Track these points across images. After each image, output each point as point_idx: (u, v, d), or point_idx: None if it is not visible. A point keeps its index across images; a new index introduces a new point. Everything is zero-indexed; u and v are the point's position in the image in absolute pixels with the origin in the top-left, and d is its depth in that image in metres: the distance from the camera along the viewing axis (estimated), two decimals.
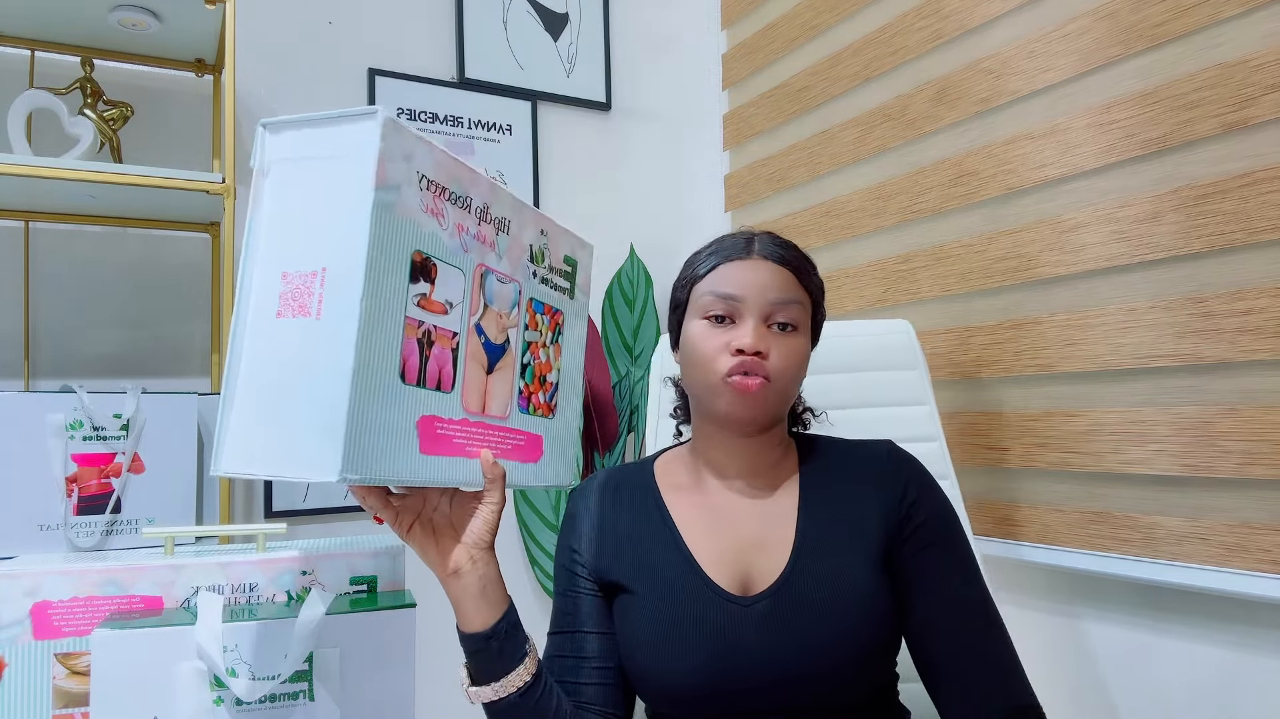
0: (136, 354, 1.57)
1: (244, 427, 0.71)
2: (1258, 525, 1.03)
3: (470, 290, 0.80)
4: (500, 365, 0.85)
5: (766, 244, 0.90)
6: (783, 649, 0.81)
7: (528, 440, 0.89)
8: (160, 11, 1.42)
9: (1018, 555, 1.30)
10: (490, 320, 0.83)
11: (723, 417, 0.87)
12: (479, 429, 0.82)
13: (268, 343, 0.71)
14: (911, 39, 1.51)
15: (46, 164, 1.25)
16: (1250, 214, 1.04)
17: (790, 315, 0.87)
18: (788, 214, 1.82)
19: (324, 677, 0.85)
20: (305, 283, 0.71)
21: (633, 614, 0.87)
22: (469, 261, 0.80)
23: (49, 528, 1.17)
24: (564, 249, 0.94)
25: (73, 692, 0.86)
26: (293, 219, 0.73)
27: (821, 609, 0.82)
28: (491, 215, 0.84)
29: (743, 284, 0.88)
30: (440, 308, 0.77)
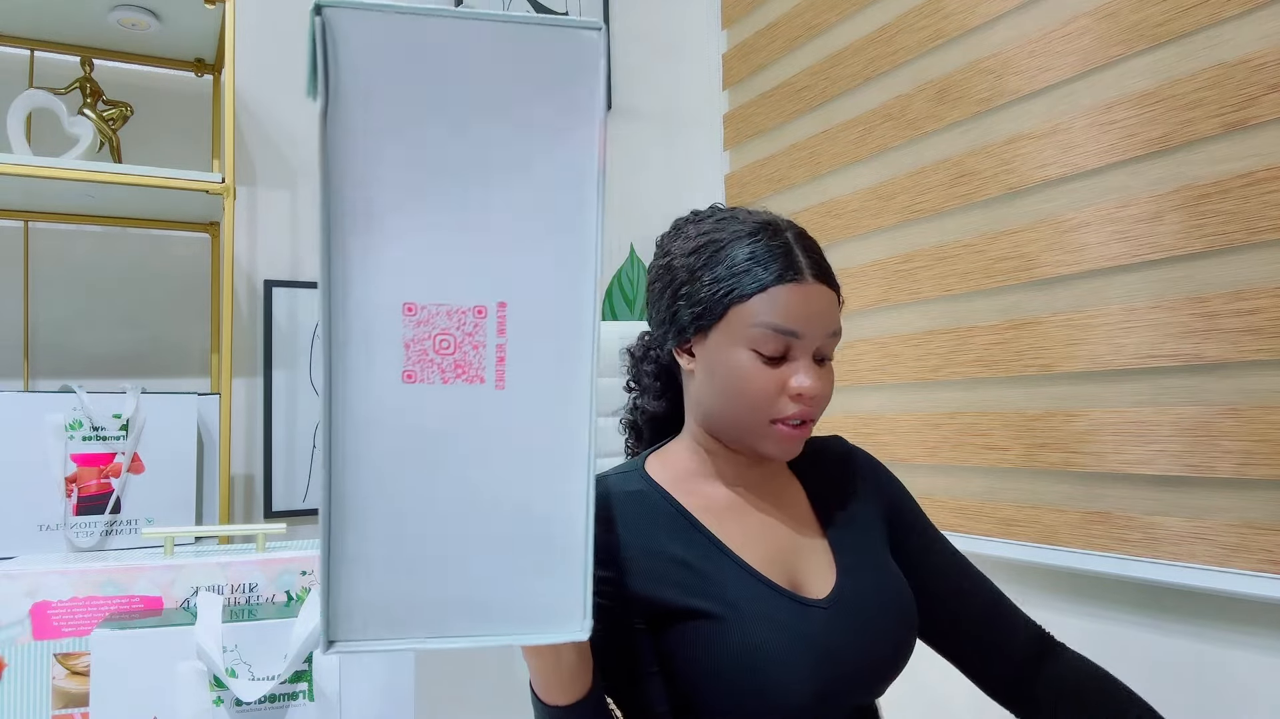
0: (136, 354, 1.57)
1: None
2: (1259, 525, 1.03)
3: None
4: None
5: (813, 260, 0.80)
6: (859, 648, 0.81)
7: None
8: (160, 11, 1.42)
9: (1018, 556, 1.29)
10: None
11: (761, 455, 0.82)
12: None
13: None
14: (912, 39, 1.51)
15: (46, 164, 1.25)
16: (1251, 214, 1.03)
17: (834, 347, 0.82)
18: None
19: (324, 677, 0.85)
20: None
21: (716, 641, 0.77)
22: None
23: (49, 528, 1.17)
24: None
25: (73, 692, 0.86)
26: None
27: (886, 604, 0.84)
28: None
29: (803, 318, 0.78)
30: None
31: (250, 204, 1.67)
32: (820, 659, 0.79)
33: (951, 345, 1.42)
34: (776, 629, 0.78)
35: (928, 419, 1.46)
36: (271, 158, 1.70)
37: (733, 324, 0.78)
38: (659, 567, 0.79)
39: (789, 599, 0.81)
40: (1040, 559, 1.27)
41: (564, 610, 0.46)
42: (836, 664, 0.79)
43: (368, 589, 0.42)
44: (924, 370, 1.47)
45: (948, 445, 1.42)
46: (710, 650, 0.77)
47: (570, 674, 0.68)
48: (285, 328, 1.67)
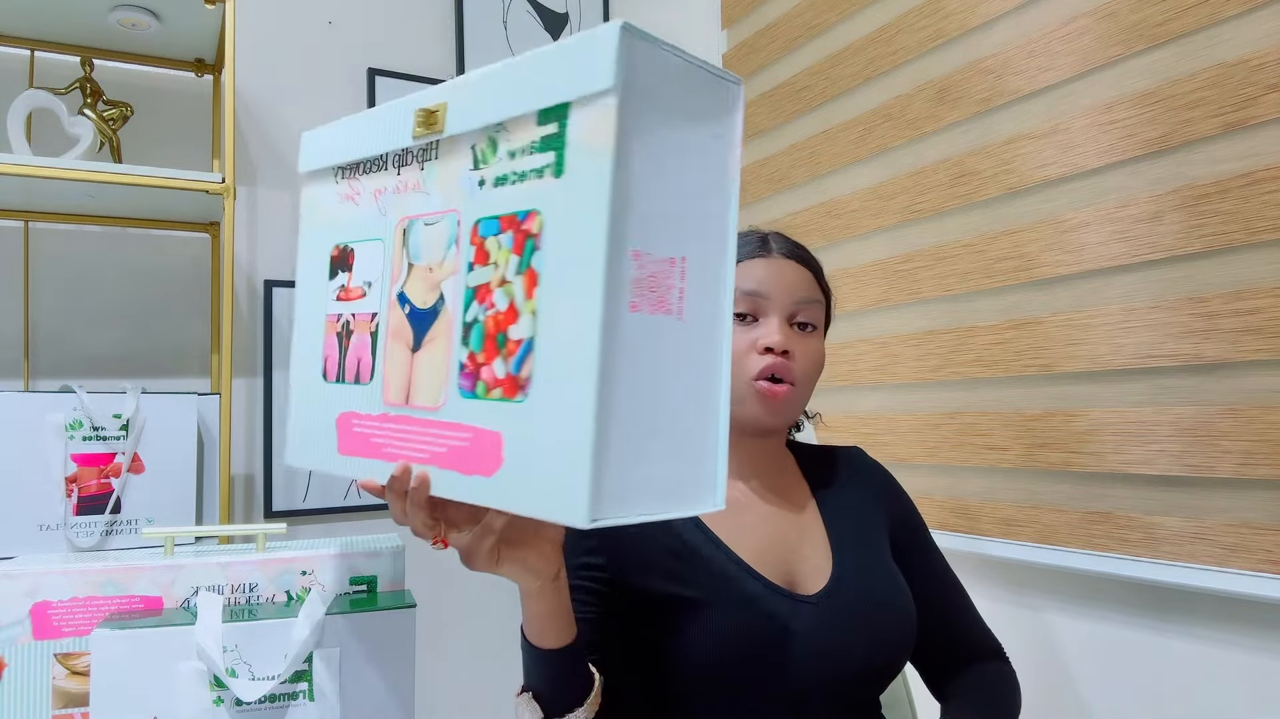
0: (136, 354, 1.57)
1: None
2: (1259, 525, 1.03)
3: (392, 255, 0.65)
4: (429, 336, 0.61)
5: (783, 243, 0.91)
6: (851, 645, 0.82)
7: (475, 440, 0.58)
8: (160, 11, 1.42)
9: (1018, 556, 1.30)
10: (416, 280, 0.63)
11: (747, 421, 0.86)
12: (399, 426, 0.63)
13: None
14: (912, 39, 1.51)
15: (46, 164, 1.25)
16: (1251, 214, 1.03)
17: (812, 315, 0.88)
18: (788, 214, 1.82)
19: (324, 677, 0.85)
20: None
21: (699, 626, 0.80)
22: (387, 224, 0.66)
23: (49, 528, 1.17)
24: (536, 99, 0.56)
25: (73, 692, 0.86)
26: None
27: (884, 603, 0.86)
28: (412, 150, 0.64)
29: (767, 281, 0.86)
30: (358, 293, 0.69)
31: (250, 204, 1.67)
32: (803, 653, 0.80)
33: (951, 345, 1.42)
34: (758, 620, 0.80)
35: (928, 419, 1.46)
36: (271, 158, 1.70)
37: None
38: (650, 555, 0.83)
39: (776, 592, 0.83)
40: (1040, 559, 1.27)
41: (709, 489, 0.58)
42: (821, 660, 0.81)
43: (613, 473, 0.52)
44: (924, 370, 1.47)
45: (948, 445, 1.42)
46: (691, 637, 0.79)
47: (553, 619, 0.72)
48: (285, 328, 1.67)
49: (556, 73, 0.55)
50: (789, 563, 0.87)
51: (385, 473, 0.64)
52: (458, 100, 0.61)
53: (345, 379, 0.69)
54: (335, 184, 0.71)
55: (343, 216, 0.70)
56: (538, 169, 0.56)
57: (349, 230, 0.70)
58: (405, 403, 0.63)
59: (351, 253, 0.70)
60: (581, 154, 0.54)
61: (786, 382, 0.85)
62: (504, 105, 0.58)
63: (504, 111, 0.58)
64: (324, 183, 0.72)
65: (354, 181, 0.70)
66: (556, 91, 0.55)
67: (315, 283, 0.72)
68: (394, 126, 0.66)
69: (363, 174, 0.69)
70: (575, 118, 0.54)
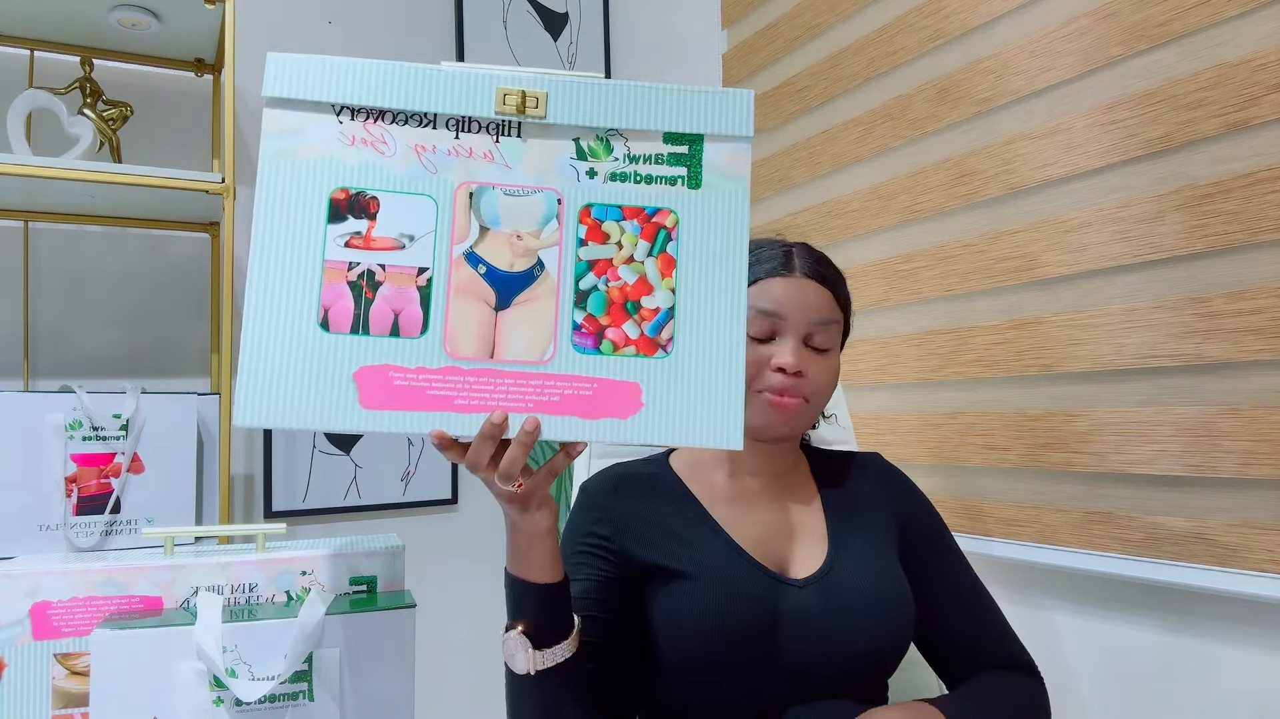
0: (136, 354, 1.57)
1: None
2: (1260, 525, 1.03)
3: (450, 215, 0.70)
4: (524, 298, 0.70)
5: (806, 260, 0.92)
6: (836, 630, 0.85)
7: (601, 389, 0.71)
8: (160, 11, 1.42)
9: (1019, 556, 1.29)
10: (496, 245, 0.70)
11: (755, 429, 0.90)
12: (484, 378, 0.69)
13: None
14: (912, 39, 1.51)
15: (46, 164, 1.25)
16: (1253, 214, 1.03)
17: (828, 338, 0.91)
18: (788, 214, 1.82)
19: (324, 677, 0.84)
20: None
21: (687, 598, 0.85)
22: (441, 183, 0.70)
23: (49, 528, 1.17)
24: (667, 123, 0.73)
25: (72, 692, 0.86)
26: None
27: (871, 591, 0.87)
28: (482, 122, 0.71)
29: (785, 302, 0.89)
30: (388, 243, 0.69)
31: (250, 204, 1.67)
32: (789, 635, 0.83)
33: (952, 345, 1.42)
34: (741, 598, 0.84)
35: (928, 419, 1.46)
36: None
37: None
38: (650, 532, 0.90)
39: (763, 573, 0.87)
40: (1041, 559, 1.27)
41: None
42: (807, 642, 0.83)
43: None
44: (925, 370, 1.47)
45: (948, 445, 1.42)
46: (678, 606, 0.86)
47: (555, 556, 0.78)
48: None
49: (690, 109, 0.73)
50: (784, 551, 0.90)
51: (457, 425, 0.69)
52: (561, 94, 0.71)
53: (368, 331, 0.68)
54: (338, 123, 0.69)
55: (353, 160, 0.69)
56: (669, 177, 0.72)
57: (367, 176, 0.69)
58: (489, 357, 0.69)
59: (373, 200, 0.68)
60: (719, 177, 0.73)
61: (798, 398, 0.88)
62: (624, 115, 0.72)
63: (623, 120, 0.72)
64: (315, 117, 0.68)
65: (375, 127, 0.69)
66: (689, 123, 0.73)
67: (300, 222, 0.67)
68: (458, 92, 0.70)
69: (392, 123, 0.69)
70: (711, 147, 0.73)
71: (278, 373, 0.67)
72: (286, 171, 0.68)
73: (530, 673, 0.78)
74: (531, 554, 0.77)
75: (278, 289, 0.67)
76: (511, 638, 0.79)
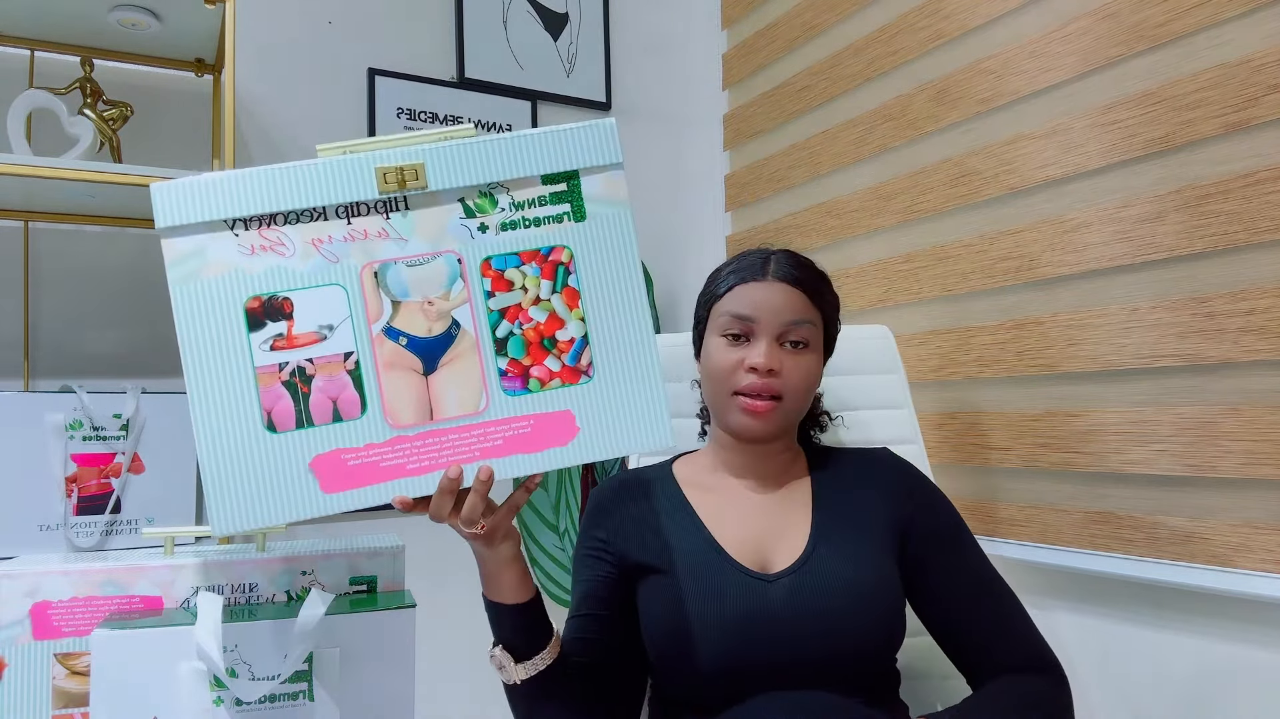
0: (136, 354, 1.57)
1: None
2: (1260, 525, 1.03)
3: (361, 297, 0.73)
4: (448, 358, 0.74)
5: (783, 265, 0.96)
6: (803, 624, 0.86)
7: (537, 424, 0.76)
8: (160, 11, 1.42)
9: (1019, 555, 1.29)
10: (410, 315, 0.74)
11: (733, 430, 0.95)
12: (429, 439, 0.74)
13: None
14: (912, 39, 1.51)
15: (46, 164, 1.25)
16: (1252, 214, 1.03)
17: (801, 335, 0.94)
18: (788, 214, 1.82)
19: (324, 677, 0.84)
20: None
21: (660, 592, 0.91)
22: (345, 270, 0.73)
23: (49, 528, 1.17)
24: (541, 166, 0.77)
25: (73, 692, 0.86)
26: None
27: (841, 587, 0.88)
28: (370, 203, 0.74)
29: (757, 305, 0.93)
30: (310, 338, 0.72)
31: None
32: (752, 628, 0.85)
33: (952, 345, 1.42)
34: (707, 590, 0.88)
35: (928, 419, 1.46)
36: (271, 158, 1.70)
37: (713, 321, 0.97)
38: (640, 532, 0.96)
39: (734, 568, 0.90)
40: (1041, 559, 1.27)
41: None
42: (768, 634, 0.85)
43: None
44: (925, 370, 1.47)
45: (948, 445, 1.42)
46: (652, 602, 0.91)
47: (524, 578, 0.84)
48: None
49: (560, 149, 0.76)
50: (766, 547, 0.93)
51: (414, 488, 0.74)
52: (437, 161, 0.75)
53: (312, 423, 0.72)
54: (234, 236, 0.71)
55: (257, 267, 0.71)
56: (554, 216, 0.76)
57: (275, 280, 0.71)
58: (429, 419, 0.74)
59: (286, 300, 0.71)
60: (602, 205, 0.77)
61: (769, 397, 0.92)
62: (499, 168, 0.75)
63: (500, 173, 0.75)
64: (212, 236, 0.71)
65: (270, 231, 0.72)
66: (562, 161, 0.76)
67: (223, 337, 0.70)
68: (339, 181, 0.73)
69: (285, 224, 0.72)
70: (587, 180, 0.77)
71: (240, 481, 0.71)
72: (197, 294, 0.70)
73: (518, 682, 0.85)
74: (501, 580, 0.83)
75: (218, 404, 0.71)
76: (496, 653, 0.86)
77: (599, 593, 0.95)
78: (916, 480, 1.00)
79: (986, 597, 0.93)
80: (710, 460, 1.02)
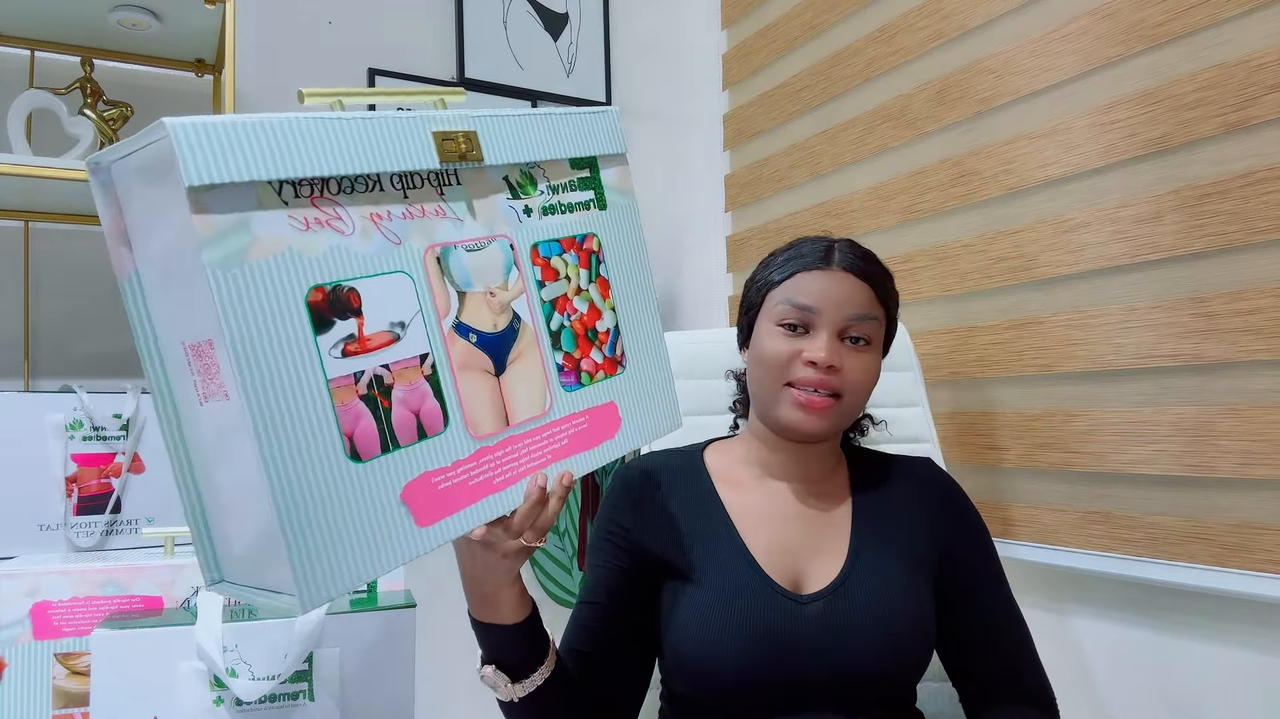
0: (136, 354, 1.57)
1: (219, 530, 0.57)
2: (1259, 525, 1.03)
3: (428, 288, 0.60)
4: (514, 356, 0.65)
5: (847, 254, 0.89)
6: (833, 649, 0.82)
7: (591, 418, 0.71)
8: (160, 11, 1.42)
9: (1018, 555, 1.29)
10: (476, 308, 0.63)
11: (783, 426, 0.87)
12: (509, 448, 0.65)
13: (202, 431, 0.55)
14: (912, 39, 1.51)
15: (46, 164, 1.25)
16: (1252, 214, 1.03)
17: (865, 331, 0.87)
18: (788, 214, 1.82)
19: (324, 677, 0.85)
20: (207, 355, 0.52)
21: (686, 599, 0.85)
22: (408, 254, 0.59)
23: (49, 528, 1.17)
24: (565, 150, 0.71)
25: (73, 692, 0.86)
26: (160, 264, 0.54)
27: (875, 614, 0.84)
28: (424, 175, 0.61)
29: (820, 295, 0.86)
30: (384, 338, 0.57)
31: None
32: (782, 650, 0.82)
33: (951, 345, 1.42)
34: (740, 610, 0.83)
35: None
36: None
37: (767, 308, 0.89)
38: (668, 527, 0.89)
39: (769, 587, 0.85)
40: (1040, 559, 1.27)
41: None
42: (797, 658, 0.82)
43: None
44: (924, 370, 1.47)
45: (947, 445, 1.42)
46: (675, 606, 0.86)
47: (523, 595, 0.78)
48: None
49: (583, 132, 0.73)
50: (801, 564, 0.88)
51: (499, 506, 0.65)
52: (489, 132, 0.65)
53: (397, 444, 0.57)
54: (284, 204, 0.53)
55: (316, 248, 0.54)
56: (584, 203, 0.72)
57: (337, 264, 0.55)
58: (506, 425, 0.65)
59: (352, 293, 0.55)
60: (617, 195, 0.77)
61: (828, 393, 0.85)
62: (540, 147, 0.69)
63: (540, 152, 0.69)
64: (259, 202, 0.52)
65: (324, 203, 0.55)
66: (585, 146, 0.73)
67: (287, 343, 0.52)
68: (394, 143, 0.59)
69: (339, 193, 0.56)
70: (604, 168, 0.75)
71: (326, 530, 0.53)
72: (246, 283, 0.51)
73: (515, 700, 0.80)
74: (501, 598, 0.76)
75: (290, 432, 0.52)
76: (488, 673, 0.79)
77: (610, 583, 0.89)
78: (960, 503, 0.96)
79: (1005, 632, 0.91)
80: (745, 454, 0.95)
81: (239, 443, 0.52)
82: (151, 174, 0.51)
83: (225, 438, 0.53)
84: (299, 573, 0.52)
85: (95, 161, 0.54)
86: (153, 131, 0.50)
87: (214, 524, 0.57)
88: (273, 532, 0.52)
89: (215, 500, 0.56)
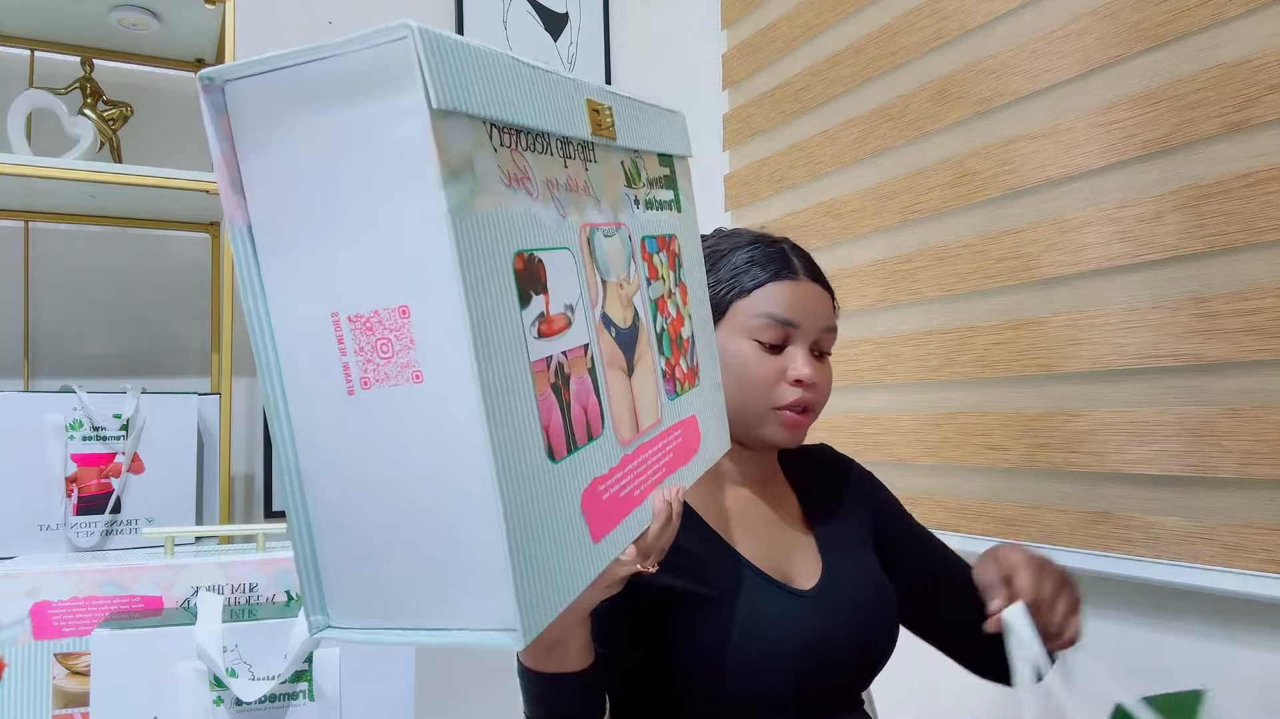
0: (136, 354, 1.57)
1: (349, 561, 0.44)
2: (1260, 525, 1.03)
3: (585, 270, 0.52)
4: (638, 355, 0.58)
5: (807, 263, 0.89)
6: (848, 637, 0.85)
7: (684, 431, 0.63)
8: (160, 11, 1.42)
9: None
10: (613, 299, 0.55)
11: (765, 442, 0.87)
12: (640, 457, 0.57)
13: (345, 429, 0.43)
14: (912, 39, 1.51)
15: (46, 164, 1.25)
16: (1252, 214, 1.03)
17: (830, 343, 0.89)
18: (788, 214, 1.82)
19: (324, 677, 0.84)
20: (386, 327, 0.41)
21: (717, 627, 0.80)
22: (569, 229, 0.51)
23: (49, 528, 1.17)
24: (659, 144, 0.64)
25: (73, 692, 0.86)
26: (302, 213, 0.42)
27: (868, 599, 0.88)
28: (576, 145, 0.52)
29: (798, 310, 0.84)
30: (563, 322, 0.49)
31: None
32: (804, 645, 0.82)
33: (952, 345, 1.42)
34: (764, 614, 0.83)
35: (928, 419, 1.46)
36: None
37: (735, 318, 0.85)
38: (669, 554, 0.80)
39: (778, 588, 0.86)
40: None
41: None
42: (820, 651, 0.83)
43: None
44: (924, 370, 1.47)
45: (948, 445, 1.42)
46: (701, 630, 0.80)
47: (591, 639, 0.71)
48: None
49: (668, 129, 0.70)
50: (785, 561, 0.90)
51: (637, 524, 0.56)
52: (620, 112, 0.58)
53: (577, 444, 0.49)
54: (493, 151, 0.44)
55: (516, 209, 0.45)
56: (668, 202, 0.68)
57: (529, 231, 0.46)
58: (638, 432, 0.56)
59: (541, 265, 0.47)
60: (687, 200, 0.73)
61: (810, 411, 0.86)
62: (648, 136, 0.64)
63: (648, 141, 0.64)
64: (479, 143, 0.43)
65: (519, 157, 0.46)
66: (671, 143, 0.70)
67: (502, 315, 0.43)
68: (561, 101, 0.50)
69: (527, 150, 0.47)
70: (678, 169, 0.72)
71: (540, 541, 0.44)
72: (476, 237, 0.41)
73: None
74: (571, 641, 0.67)
75: (511, 427, 0.42)
76: None
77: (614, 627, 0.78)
78: (863, 475, 1.03)
79: (945, 563, 0.97)
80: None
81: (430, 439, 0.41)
82: (326, 93, 0.42)
83: (398, 433, 0.42)
84: (523, 597, 0.41)
85: (209, 77, 0.42)
86: (355, 40, 0.41)
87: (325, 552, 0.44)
88: (475, 552, 0.42)
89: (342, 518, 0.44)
